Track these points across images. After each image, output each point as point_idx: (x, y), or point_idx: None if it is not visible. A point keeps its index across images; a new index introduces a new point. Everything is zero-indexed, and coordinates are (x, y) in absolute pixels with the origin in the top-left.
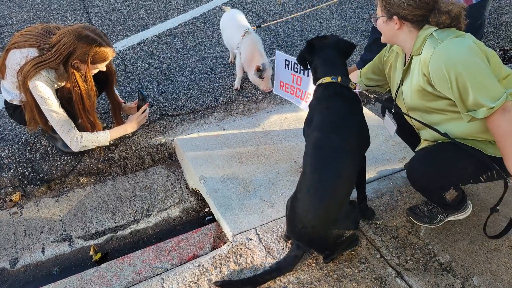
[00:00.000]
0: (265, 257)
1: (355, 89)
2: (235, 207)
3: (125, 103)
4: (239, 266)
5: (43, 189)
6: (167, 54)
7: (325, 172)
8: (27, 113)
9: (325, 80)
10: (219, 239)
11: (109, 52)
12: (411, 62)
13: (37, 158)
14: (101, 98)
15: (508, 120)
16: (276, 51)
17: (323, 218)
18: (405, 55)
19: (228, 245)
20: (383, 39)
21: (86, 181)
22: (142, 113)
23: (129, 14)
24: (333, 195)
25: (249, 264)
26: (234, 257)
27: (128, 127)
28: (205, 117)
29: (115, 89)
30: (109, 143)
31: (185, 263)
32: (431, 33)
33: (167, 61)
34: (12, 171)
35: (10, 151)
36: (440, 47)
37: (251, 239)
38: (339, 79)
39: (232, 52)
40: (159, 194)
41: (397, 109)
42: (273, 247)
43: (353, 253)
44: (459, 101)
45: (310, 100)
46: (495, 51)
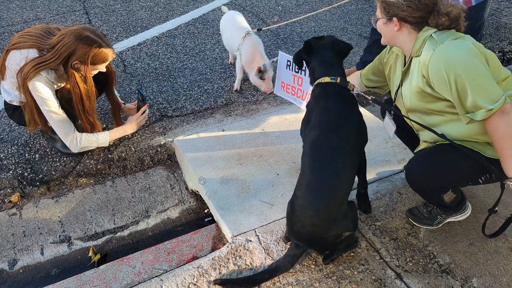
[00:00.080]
0: (265, 259)
1: (353, 90)
2: (234, 208)
3: (124, 104)
4: (238, 267)
5: (42, 190)
6: (166, 55)
7: (324, 171)
8: (26, 114)
9: (324, 80)
10: (219, 240)
11: (109, 53)
12: (410, 64)
13: (36, 159)
14: (100, 99)
15: (506, 122)
16: (279, 51)
17: (322, 216)
18: (404, 56)
19: (227, 247)
20: (383, 41)
21: (85, 182)
22: (141, 114)
23: (129, 15)
24: (332, 194)
25: (248, 266)
26: (234, 259)
27: (128, 128)
28: (205, 118)
29: (114, 90)
30: (108, 144)
31: (184, 264)
32: (431, 34)
33: (167, 62)
34: (11, 172)
35: (10, 152)
36: (440, 48)
37: (250, 241)
38: (338, 80)
39: (231, 53)
40: (158, 195)
41: (396, 110)
42: (272, 249)
43: (352, 254)
44: (458, 103)
45: None
46: (494, 53)
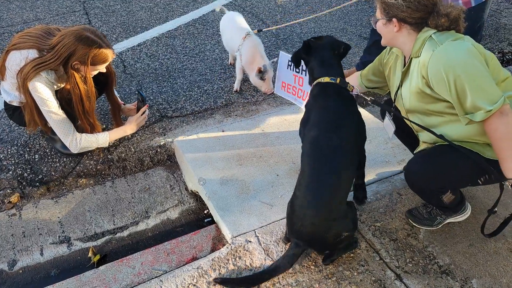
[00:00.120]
0: (264, 260)
1: (352, 91)
2: (234, 209)
3: (124, 104)
4: (238, 268)
5: (42, 190)
6: (166, 55)
7: (324, 170)
8: (26, 114)
9: (324, 80)
10: (218, 241)
11: (109, 54)
12: (410, 64)
13: (36, 160)
14: (100, 100)
15: (505, 123)
16: (280, 51)
17: (322, 215)
18: (404, 57)
19: (227, 247)
20: (383, 42)
21: (85, 183)
22: (141, 114)
23: (128, 16)
24: (332, 193)
25: (248, 267)
26: (233, 259)
27: (128, 128)
28: (205, 119)
29: (114, 90)
30: (108, 144)
31: (184, 265)
32: (430, 35)
33: (167, 62)
34: (11, 172)
35: (9, 152)
36: (439, 49)
37: (250, 241)
38: (338, 81)
39: (231, 54)
40: (158, 196)
41: (396, 111)
42: (272, 250)
43: (352, 255)
44: (457, 104)
45: None
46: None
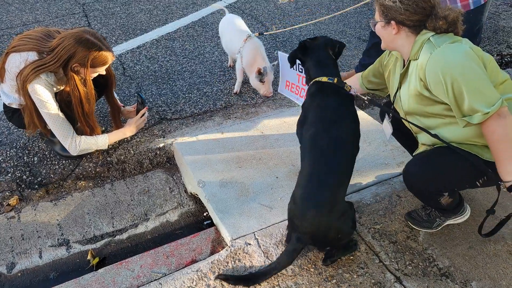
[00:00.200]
0: (264, 262)
1: (349, 91)
2: (233, 211)
3: (124, 106)
4: (237, 271)
5: (41, 193)
6: (166, 58)
7: (324, 165)
8: (26, 116)
9: (322, 79)
10: (218, 243)
11: (109, 56)
12: (408, 67)
13: (35, 162)
14: (100, 102)
15: (503, 126)
16: (278, 52)
17: (324, 209)
18: (403, 60)
19: (226, 250)
20: (382, 45)
21: (84, 185)
22: (141, 117)
23: (128, 18)
24: (333, 188)
25: (247, 269)
26: (233, 262)
27: (127, 130)
28: (204, 121)
29: (114, 92)
30: (107, 146)
31: (183, 268)
32: (428, 38)
33: (166, 65)
34: (9, 175)
35: (8, 154)
36: (437, 52)
37: (249, 244)
38: (335, 81)
39: (231, 56)
40: (157, 198)
41: (394, 113)
42: (272, 252)
43: (352, 258)
44: (455, 106)
45: None
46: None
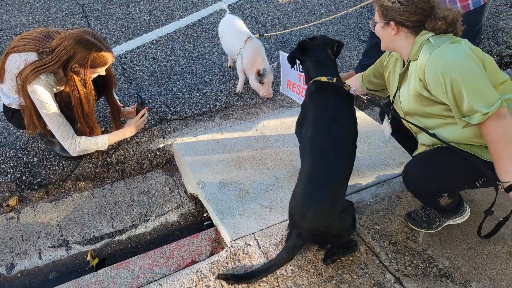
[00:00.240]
0: (264, 263)
1: (349, 90)
2: (233, 212)
3: (124, 107)
4: (237, 272)
5: (41, 193)
6: (165, 58)
7: (324, 164)
8: (26, 117)
9: (321, 79)
10: (218, 244)
11: (109, 57)
12: (408, 67)
13: (35, 163)
14: (99, 102)
15: (502, 126)
16: (280, 51)
17: (326, 205)
18: (403, 60)
19: (226, 251)
20: (382, 47)
21: (84, 186)
22: (140, 117)
23: (128, 19)
24: (333, 186)
25: (247, 270)
26: (233, 263)
27: (127, 131)
28: (204, 122)
29: (114, 93)
30: (107, 147)
31: (183, 268)
32: (428, 38)
33: (166, 65)
34: (9, 175)
35: (8, 155)
36: (436, 52)
37: (249, 245)
38: (335, 80)
39: (231, 57)
40: (157, 199)
41: (394, 113)
42: (271, 253)
43: (351, 258)
44: (454, 107)
45: None
46: (492, 56)
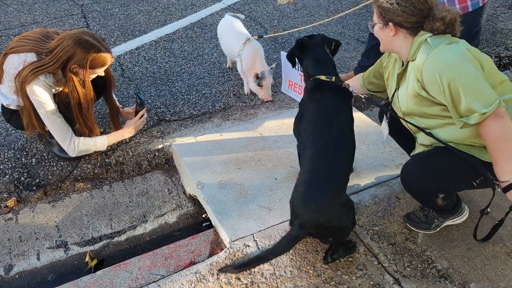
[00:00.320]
0: (263, 264)
1: (348, 89)
2: (232, 213)
3: (123, 108)
4: (236, 273)
5: (39, 194)
6: (165, 59)
7: (324, 164)
8: (24, 118)
9: (320, 77)
10: (217, 245)
11: (108, 57)
12: (406, 68)
13: (33, 164)
14: (98, 103)
15: (500, 126)
16: (281, 52)
17: (328, 198)
18: (402, 61)
19: (225, 252)
20: (381, 48)
21: (83, 187)
22: (139, 118)
23: (127, 19)
24: (334, 183)
25: (246, 271)
26: (232, 264)
27: (126, 132)
28: (203, 123)
29: (113, 94)
30: (106, 148)
31: (182, 270)
32: (426, 39)
33: (165, 66)
34: (7, 176)
35: (6, 156)
36: (433, 53)
37: (248, 246)
38: (333, 79)
39: (230, 58)
40: (156, 199)
41: (392, 113)
42: None
43: (350, 259)
44: (452, 107)
45: None
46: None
